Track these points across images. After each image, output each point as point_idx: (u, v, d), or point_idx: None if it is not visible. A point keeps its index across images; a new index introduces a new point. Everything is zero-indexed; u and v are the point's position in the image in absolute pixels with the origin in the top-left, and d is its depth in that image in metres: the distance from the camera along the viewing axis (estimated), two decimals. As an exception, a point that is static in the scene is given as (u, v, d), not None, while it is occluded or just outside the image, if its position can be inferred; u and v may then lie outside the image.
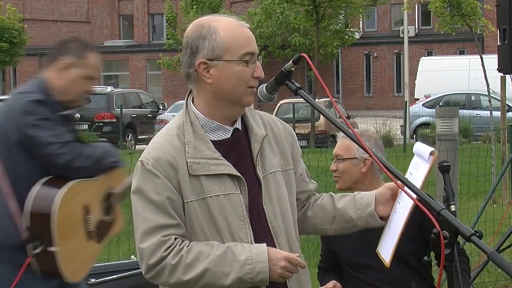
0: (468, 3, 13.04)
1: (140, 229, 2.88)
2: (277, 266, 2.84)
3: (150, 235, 2.85)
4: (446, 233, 2.69)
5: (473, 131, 22.85)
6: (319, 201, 3.19)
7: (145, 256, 2.86)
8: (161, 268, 2.85)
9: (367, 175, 4.29)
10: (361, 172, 4.31)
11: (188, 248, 2.85)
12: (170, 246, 2.85)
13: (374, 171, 4.34)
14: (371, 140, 4.38)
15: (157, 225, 2.85)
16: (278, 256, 2.86)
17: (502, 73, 8.60)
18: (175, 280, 2.85)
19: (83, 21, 50.28)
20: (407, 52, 31.59)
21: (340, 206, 3.12)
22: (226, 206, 2.90)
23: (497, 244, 7.06)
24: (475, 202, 9.22)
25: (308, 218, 3.18)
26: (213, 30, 2.91)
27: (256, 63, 2.94)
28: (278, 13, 34.07)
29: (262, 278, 2.84)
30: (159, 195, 2.87)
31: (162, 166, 2.88)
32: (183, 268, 2.84)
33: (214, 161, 2.91)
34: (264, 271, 2.83)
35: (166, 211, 2.86)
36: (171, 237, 2.85)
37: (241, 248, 2.85)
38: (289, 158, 3.10)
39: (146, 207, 2.88)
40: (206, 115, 2.96)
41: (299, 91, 3.00)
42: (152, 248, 2.85)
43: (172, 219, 2.87)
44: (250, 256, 2.84)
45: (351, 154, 4.33)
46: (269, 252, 2.86)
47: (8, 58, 31.00)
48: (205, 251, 2.85)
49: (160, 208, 2.86)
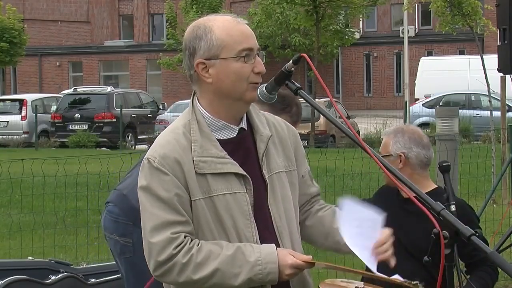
0: (469, 3, 13.02)
1: (149, 225, 2.87)
2: (284, 271, 2.85)
3: (159, 231, 2.84)
4: (446, 233, 2.69)
5: (473, 131, 22.84)
6: (321, 213, 3.15)
7: (154, 252, 2.85)
8: (170, 266, 2.84)
9: (405, 171, 4.21)
10: (399, 168, 4.24)
11: (199, 247, 2.85)
12: (180, 244, 2.84)
13: (413, 167, 4.31)
14: (405, 135, 4.36)
15: (166, 221, 2.85)
16: (285, 262, 2.85)
17: (502, 73, 8.61)
18: (184, 279, 2.84)
19: (83, 21, 50.23)
20: (407, 52, 31.57)
21: (335, 227, 3.07)
22: (232, 204, 2.90)
23: (497, 244, 7.05)
24: (475, 202, 9.21)
25: (305, 227, 3.15)
26: (208, 30, 2.92)
27: (256, 59, 2.93)
28: (278, 13, 34.05)
29: (271, 279, 2.85)
30: (167, 191, 2.86)
31: (168, 164, 2.88)
32: (193, 267, 2.83)
33: (220, 160, 2.91)
34: (274, 271, 2.84)
35: (174, 207, 2.86)
36: (180, 235, 2.85)
37: (250, 249, 2.86)
38: (292, 159, 3.10)
39: (154, 203, 2.87)
40: (211, 114, 2.96)
41: (299, 91, 3.00)
42: (162, 245, 2.83)
43: (180, 215, 2.86)
44: (260, 257, 2.84)
45: (386, 151, 4.33)
46: (278, 254, 2.86)
47: (8, 58, 31.00)
48: (215, 250, 2.84)
49: (168, 204, 2.86)
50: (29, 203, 10.22)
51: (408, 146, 4.35)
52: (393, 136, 4.40)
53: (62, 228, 9.04)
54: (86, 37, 50.13)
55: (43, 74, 48.32)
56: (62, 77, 48.05)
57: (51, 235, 8.73)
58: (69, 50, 48.58)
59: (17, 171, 8.50)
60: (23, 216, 9.85)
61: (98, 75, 47.72)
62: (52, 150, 24.07)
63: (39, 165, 8.10)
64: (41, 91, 43.96)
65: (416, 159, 4.34)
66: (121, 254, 4.50)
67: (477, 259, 4.32)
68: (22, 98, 29.18)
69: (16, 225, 9.29)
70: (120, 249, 4.48)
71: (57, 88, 44.07)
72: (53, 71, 48.26)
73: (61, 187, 9.53)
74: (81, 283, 5.75)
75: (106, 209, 4.63)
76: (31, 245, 8.47)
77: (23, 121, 27.41)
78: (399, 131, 4.39)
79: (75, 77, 47.78)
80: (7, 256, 8.07)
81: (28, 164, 8.03)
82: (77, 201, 9.95)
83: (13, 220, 9.62)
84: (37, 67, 48.02)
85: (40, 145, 25.99)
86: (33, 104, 27.23)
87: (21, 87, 47.36)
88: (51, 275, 5.69)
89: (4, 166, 7.70)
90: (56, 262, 5.90)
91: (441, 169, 4.11)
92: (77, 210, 9.86)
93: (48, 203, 9.94)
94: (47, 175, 8.63)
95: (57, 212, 9.06)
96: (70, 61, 48.37)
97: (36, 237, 8.82)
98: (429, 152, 4.39)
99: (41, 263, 5.87)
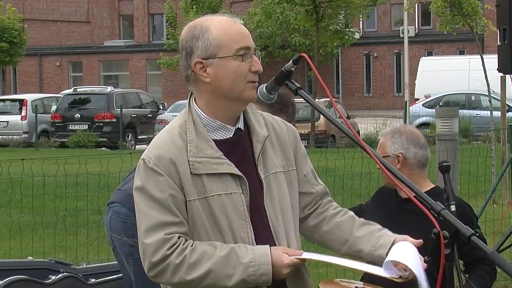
0: (469, 3, 13.02)
1: (143, 226, 2.88)
2: (283, 267, 2.86)
3: (153, 231, 2.85)
4: (446, 233, 2.69)
5: (473, 131, 22.84)
6: (338, 218, 3.12)
7: (148, 253, 2.86)
8: (164, 267, 2.85)
9: (404, 171, 4.17)
10: (397, 169, 4.26)
11: (192, 248, 2.85)
12: (174, 245, 2.84)
13: (411, 167, 4.31)
14: (402, 136, 4.37)
15: (160, 222, 2.85)
16: (280, 262, 2.85)
17: (502, 73, 8.61)
18: (178, 280, 2.85)
19: (83, 21, 50.23)
20: (407, 52, 31.58)
21: (358, 235, 3.06)
22: (228, 205, 2.90)
23: (497, 244, 7.05)
24: (475, 202, 9.21)
25: (322, 232, 3.12)
26: (205, 29, 2.92)
27: (253, 58, 2.93)
28: (278, 13, 34.06)
29: (265, 280, 2.85)
30: (161, 192, 2.87)
31: (164, 164, 2.88)
32: (187, 267, 2.84)
33: (216, 160, 2.90)
34: (267, 273, 2.84)
35: (168, 208, 2.86)
36: (174, 236, 2.85)
37: (244, 250, 2.86)
38: (291, 159, 3.09)
39: (149, 204, 2.87)
40: (208, 114, 2.96)
41: (299, 91, 3.00)
42: (156, 246, 2.84)
43: (175, 216, 2.86)
44: (253, 258, 2.84)
45: (384, 152, 4.33)
46: (272, 254, 2.86)
47: (8, 58, 30.98)
48: (209, 251, 2.85)
49: (162, 205, 2.86)
50: (29, 203, 10.22)
51: (406, 146, 4.36)
52: (390, 137, 4.41)
53: (62, 228, 9.04)
54: (86, 37, 50.12)
55: (43, 74, 48.32)
56: (62, 77, 48.05)
57: (51, 235, 8.73)
58: (69, 50, 48.58)
59: (17, 171, 8.50)
60: (23, 216, 9.85)
61: (98, 75, 47.73)
62: (52, 150, 24.07)
63: (39, 165, 8.10)
64: (41, 91, 43.97)
65: (414, 159, 4.35)
66: (129, 255, 4.49)
67: (475, 258, 4.32)
68: (22, 98, 29.17)
69: (16, 225, 9.29)
70: (128, 250, 4.47)
71: (57, 88, 44.07)
72: (53, 71, 48.26)
73: (61, 187, 9.54)
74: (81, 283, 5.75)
75: (112, 210, 4.61)
76: (31, 245, 8.47)
77: (23, 121, 27.41)
78: (397, 132, 4.40)
79: (75, 77, 47.79)
80: (7, 256, 8.07)
81: (28, 164, 8.03)
82: (77, 201, 9.95)
83: (13, 220, 9.61)
84: (37, 67, 48.02)
85: (40, 145, 25.98)
86: (33, 104, 27.23)
87: (21, 87, 47.37)
88: (51, 275, 5.69)
89: (4, 166, 7.70)
90: (56, 262, 5.90)
91: (441, 169, 4.12)
92: (77, 210, 9.86)
93: (48, 203, 9.94)
94: (47, 175, 8.63)
95: (57, 212, 9.06)
96: (70, 61, 48.38)
97: (36, 237, 8.82)
98: (426, 152, 4.40)
99: (41, 263, 5.88)
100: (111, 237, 4.64)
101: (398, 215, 4.23)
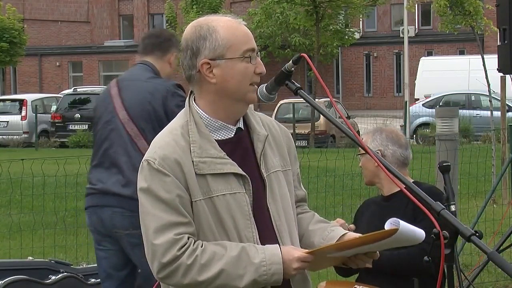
0: (470, 2, 13.02)
1: (151, 227, 2.86)
2: (291, 267, 2.86)
3: (162, 232, 2.83)
4: (446, 233, 2.69)
5: (473, 131, 22.84)
6: (300, 215, 3.16)
7: (158, 254, 2.83)
8: (175, 268, 2.83)
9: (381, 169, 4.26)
10: (375, 166, 4.35)
11: (203, 248, 2.84)
12: (184, 245, 2.82)
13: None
14: (382, 134, 4.46)
15: (169, 222, 2.83)
16: (291, 257, 2.86)
17: (502, 73, 8.60)
18: (189, 281, 2.83)
19: (83, 21, 50.24)
20: (407, 52, 31.56)
21: (311, 229, 3.10)
22: (233, 205, 2.89)
23: (497, 244, 7.05)
24: (475, 202, 9.22)
25: None
26: (212, 30, 2.91)
27: (257, 59, 2.94)
28: (278, 13, 34.04)
29: (276, 279, 2.85)
30: (168, 193, 2.85)
31: (169, 165, 2.87)
32: (198, 268, 2.82)
33: (219, 160, 2.90)
34: (278, 272, 2.84)
35: (176, 208, 2.85)
36: (184, 236, 2.83)
37: (255, 250, 2.85)
38: (287, 159, 3.10)
39: (156, 205, 2.85)
40: (209, 114, 2.96)
41: (299, 91, 3.00)
42: (166, 246, 2.82)
43: (183, 217, 2.85)
44: (264, 258, 2.84)
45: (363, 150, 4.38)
46: (282, 253, 2.87)
47: (8, 58, 30.98)
48: (219, 251, 2.84)
49: (170, 206, 2.85)
50: (29, 203, 10.22)
51: (384, 143, 4.45)
52: (371, 134, 4.54)
53: (62, 228, 9.04)
54: (86, 37, 50.13)
55: (43, 74, 48.33)
56: (62, 77, 48.06)
57: (51, 235, 8.73)
58: (69, 50, 48.59)
59: (17, 171, 8.51)
60: (23, 216, 9.86)
61: (98, 75, 47.74)
62: (52, 150, 24.05)
63: (39, 165, 8.10)
64: (41, 91, 43.97)
65: (392, 157, 4.41)
66: (135, 246, 4.73)
67: None
68: (22, 98, 29.18)
69: (16, 225, 9.29)
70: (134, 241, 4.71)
71: (57, 88, 44.08)
72: (53, 71, 48.27)
73: (61, 187, 9.53)
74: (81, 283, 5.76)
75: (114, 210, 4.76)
76: (31, 245, 8.47)
77: (23, 121, 27.41)
78: (378, 130, 4.53)
79: (75, 77, 47.80)
80: (7, 256, 8.07)
81: (28, 164, 8.03)
82: (77, 201, 9.93)
83: (13, 220, 9.62)
84: (37, 67, 48.03)
85: (40, 145, 25.98)
86: (33, 104, 27.23)
87: (21, 87, 47.37)
88: (51, 275, 5.70)
89: (4, 166, 7.71)
90: (56, 262, 5.91)
91: (441, 169, 4.12)
92: (77, 210, 9.84)
93: (48, 203, 9.94)
94: (47, 175, 8.63)
95: (57, 212, 9.06)
96: (70, 61, 48.39)
97: (36, 237, 8.83)
98: (406, 151, 4.47)
99: (41, 263, 5.89)
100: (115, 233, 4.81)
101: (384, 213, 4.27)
